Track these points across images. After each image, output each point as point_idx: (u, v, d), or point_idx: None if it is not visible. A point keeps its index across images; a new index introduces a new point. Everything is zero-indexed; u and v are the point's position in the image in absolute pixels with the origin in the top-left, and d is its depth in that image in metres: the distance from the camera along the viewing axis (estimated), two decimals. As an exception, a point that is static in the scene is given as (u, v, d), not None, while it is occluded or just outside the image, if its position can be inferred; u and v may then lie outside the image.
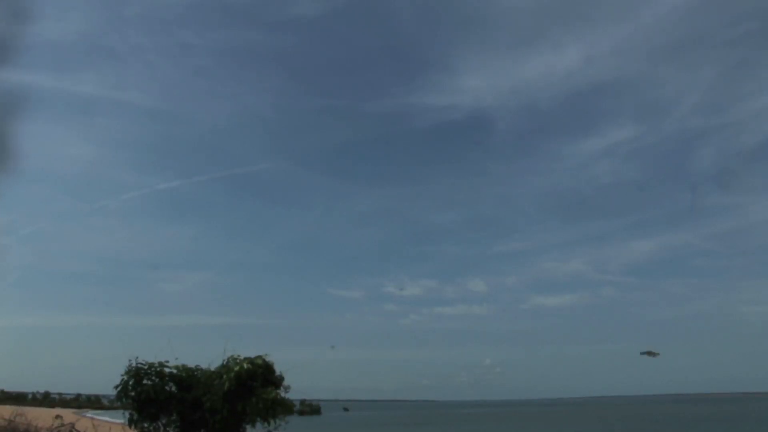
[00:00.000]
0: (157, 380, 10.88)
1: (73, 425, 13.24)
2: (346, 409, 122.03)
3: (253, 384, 10.52)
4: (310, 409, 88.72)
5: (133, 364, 10.91)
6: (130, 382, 10.78)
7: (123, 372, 10.87)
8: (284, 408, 10.71)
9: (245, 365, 10.61)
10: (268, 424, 10.65)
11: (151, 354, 12.10)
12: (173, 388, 11.00)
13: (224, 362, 11.00)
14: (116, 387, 10.86)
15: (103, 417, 34.63)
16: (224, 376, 10.54)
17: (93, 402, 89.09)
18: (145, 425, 10.82)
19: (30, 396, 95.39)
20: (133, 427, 10.88)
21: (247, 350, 11.20)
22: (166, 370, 11.07)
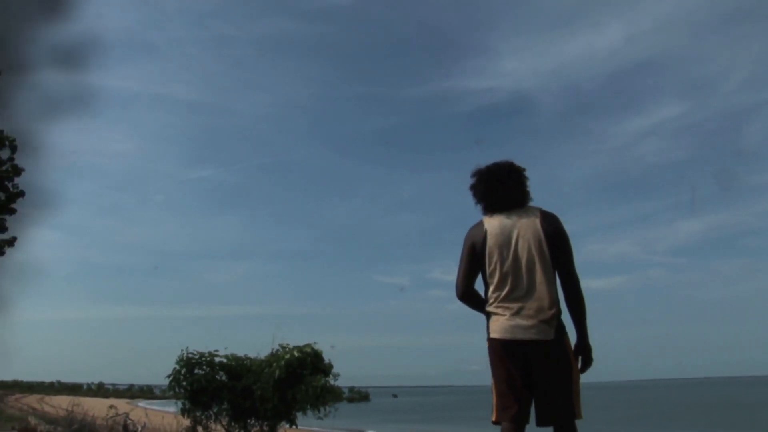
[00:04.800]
0: (208, 370, 10.97)
1: (127, 415, 13.45)
2: (394, 396, 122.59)
3: (303, 372, 10.54)
4: (359, 396, 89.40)
5: (185, 354, 11.01)
6: (182, 372, 10.88)
7: (175, 362, 10.97)
8: (334, 395, 10.71)
9: (294, 353, 10.63)
10: (318, 411, 10.66)
11: (200, 344, 12.22)
12: (224, 378, 11.06)
13: (273, 351, 11.04)
14: (168, 377, 10.98)
15: (155, 407, 35.31)
16: (273, 365, 10.56)
17: (145, 392, 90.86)
18: (198, 414, 10.92)
19: (85, 387, 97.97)
20: (185, 416, 11.00)
21: (295, 338, 11.24)
22: (217, 359, 11.14)
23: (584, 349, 3.53)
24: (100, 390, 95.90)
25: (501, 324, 3.45)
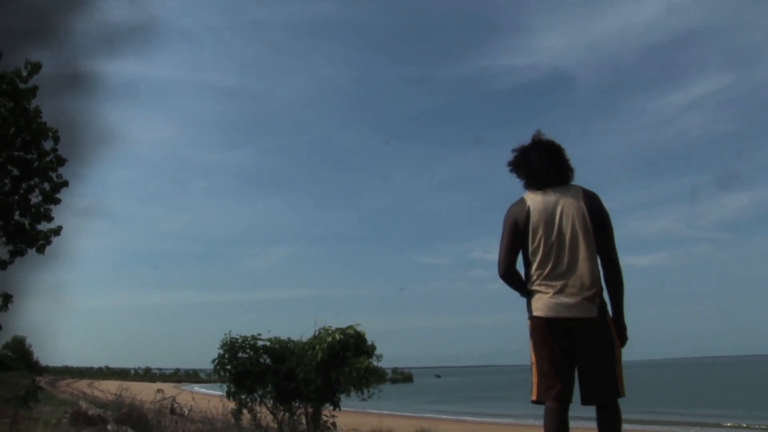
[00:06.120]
0: (251, 353, 11.07)
1: (174, 398, 13.71)
2: (437, 376, 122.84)
3: (346, 354, 10.56)
4: (403, 377, 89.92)
5: (228, 338, 11.13)
6: (226, 356, 11.00)
7: (219, 346, 11.10)
8: (377, 377, 10.70)
9: (337, 336, 10.65)
10: (362, 392, 10.68)
11: (244, 327, 12.33)
12: (267, 361, 11.16)
13: (316, 333, 11.09)
14: (213, 361, 11.11)
15: (201, 390, 35.91)
16: (316, 347, 10.60)
17: (191, 376, 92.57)
18: (242, 397, 11.04)
19: (132, 372, 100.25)
20: (230, 398, 11.12)
21: (337, 321, 11.25)
22: (260, 343, 11.23)
23: (620, 327, 3.54)
24: (147, 375, 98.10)
25: (544, 302, 3.44)
